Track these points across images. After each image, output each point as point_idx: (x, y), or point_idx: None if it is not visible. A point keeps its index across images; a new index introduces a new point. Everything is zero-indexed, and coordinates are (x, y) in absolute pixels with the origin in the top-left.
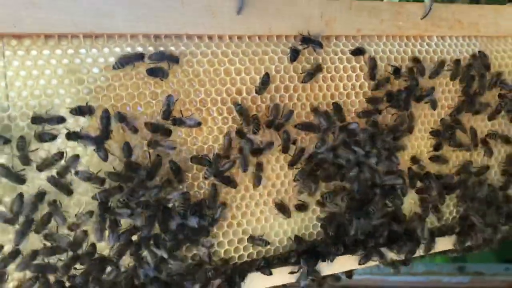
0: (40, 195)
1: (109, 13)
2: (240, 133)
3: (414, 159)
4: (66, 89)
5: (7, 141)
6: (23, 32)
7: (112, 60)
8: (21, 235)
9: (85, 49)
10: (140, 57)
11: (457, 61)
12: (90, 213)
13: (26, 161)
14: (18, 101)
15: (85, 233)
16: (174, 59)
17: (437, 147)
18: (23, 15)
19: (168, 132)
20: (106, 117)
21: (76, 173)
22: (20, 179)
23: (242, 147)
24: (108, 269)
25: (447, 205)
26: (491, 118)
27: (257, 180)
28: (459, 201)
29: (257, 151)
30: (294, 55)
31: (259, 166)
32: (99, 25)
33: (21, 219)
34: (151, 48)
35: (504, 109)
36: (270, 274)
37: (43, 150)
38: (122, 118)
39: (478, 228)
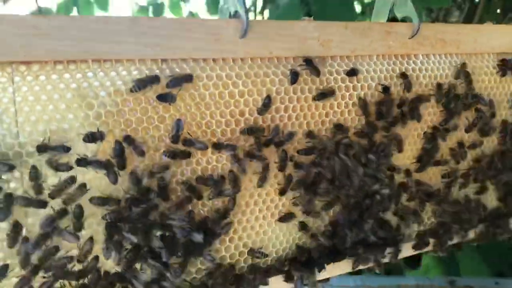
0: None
1: (118, 40)
2: (216, 146)
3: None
4: (75, 113)
5: (12, 168)
6: (33, 59)
7: (120, 83)
8: (35, 245)
9: (93, 72)
10: (156, 79)
11: (438, 85)
12: (91, 239)
13: (39, 190)
14: (27, 126)
15: (97, 258)
16: (188, 78)
17: (420, 159)
18: (34, 44)
19: (187, 155)
20: (119, 146)
21: (90, 200)
22: (42, 203)
23: (233, 154)
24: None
25: (425, 211)
26: (468, 130)
27: (261, 180)
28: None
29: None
30: (294, 78)
31: (266, 166)
32: (108, 51)
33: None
34: (157, 72)
35: (480, 122)
36: (266, 284)
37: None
38: (131, 141)
39: (454, 230)
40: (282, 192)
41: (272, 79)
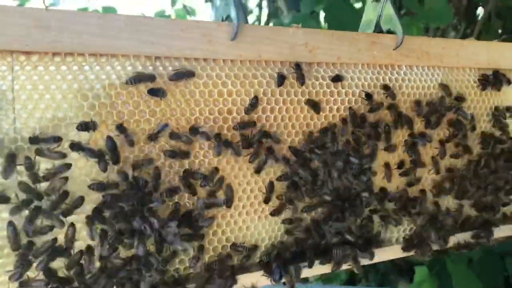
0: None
1: (115, 35)
2: (192, 130)
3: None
4: (70, 103)
5: None
6: (33, 50)
7: (114, 77)
8: (29, 221)
9: (89, 66)
10: (152, 78)
11: (417, 102)
12: (72, 224)
13: (35, 179)
14: (24, 113)
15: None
16: (191, 74)
17: (401, 165)
18: (34, 35)
19: (187, 155)
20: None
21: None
22: (39, 195)
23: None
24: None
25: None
26: (448, 141)
27: (258, 166)
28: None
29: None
30: (281, 80)
31: (262, 150)
32: (105, 45)
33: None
34: (151, 68)
35: (460, 134)
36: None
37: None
38: (123, 130)
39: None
40: (266, 201)
41: (260, 81)
